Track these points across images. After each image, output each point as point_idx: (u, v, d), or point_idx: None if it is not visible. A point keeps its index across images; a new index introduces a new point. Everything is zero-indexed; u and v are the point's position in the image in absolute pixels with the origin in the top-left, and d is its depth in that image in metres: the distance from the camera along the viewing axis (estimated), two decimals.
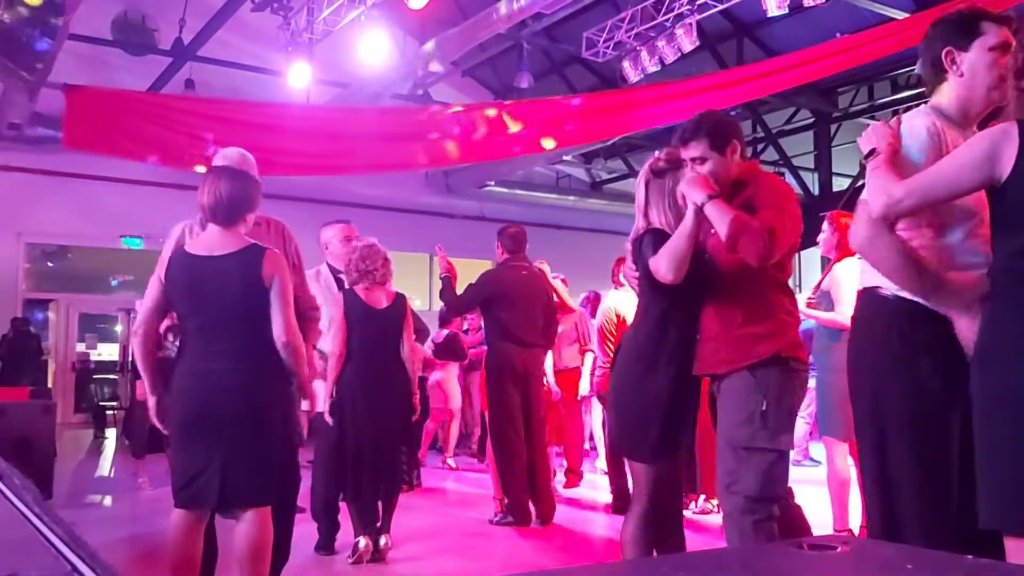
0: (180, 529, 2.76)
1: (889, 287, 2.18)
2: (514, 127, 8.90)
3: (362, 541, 4.13)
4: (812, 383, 5.78)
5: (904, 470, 2.11)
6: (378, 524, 4.20)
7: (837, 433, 4.24)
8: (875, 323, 2.27)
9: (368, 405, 4.12)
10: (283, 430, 2.93)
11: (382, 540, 4.20)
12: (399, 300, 4.30)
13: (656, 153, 2.92)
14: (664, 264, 2.61)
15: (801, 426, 7.92)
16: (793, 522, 2.85)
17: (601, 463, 6.65)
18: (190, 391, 2.79)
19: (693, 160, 2.68)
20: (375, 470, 4.14)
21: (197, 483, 2.73)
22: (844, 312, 4.31)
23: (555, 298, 5.34)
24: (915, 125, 2.16)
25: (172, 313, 3.00)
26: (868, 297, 2.31)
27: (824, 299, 4.42)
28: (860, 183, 13.96)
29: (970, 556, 1.21)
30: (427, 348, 7.26)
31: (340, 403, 4.12)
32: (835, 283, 4.36)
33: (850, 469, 4.24)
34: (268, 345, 2.80)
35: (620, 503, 5.10)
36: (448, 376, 7.79)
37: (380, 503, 4.23)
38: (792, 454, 7.87)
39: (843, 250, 4.34)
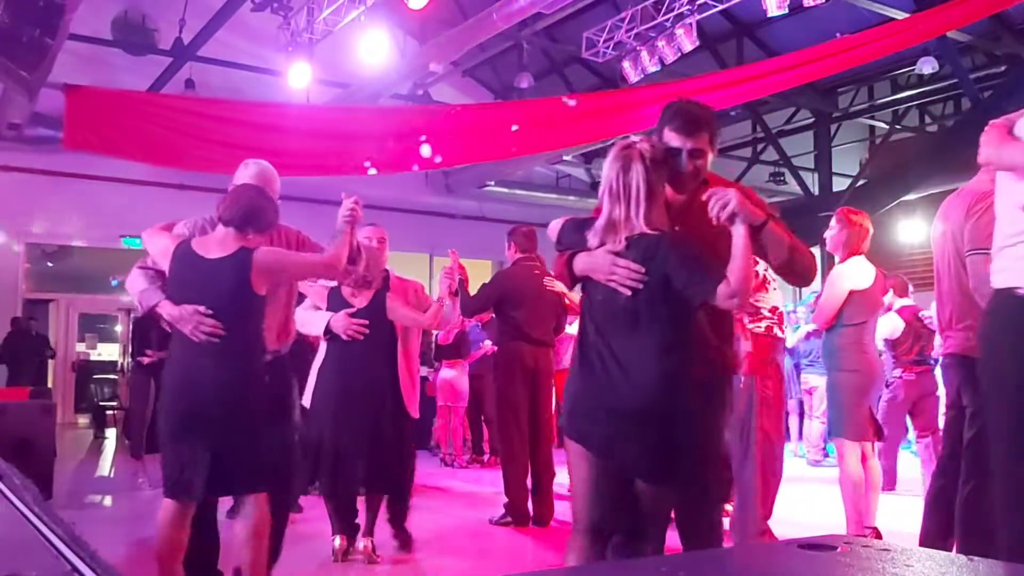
0: (167, 518, 2.90)
1: None
2: (514, 127, 8.89)
3: (336, 540, 4.10)
4: (823, 383, 5.83)
5: None
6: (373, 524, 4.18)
7: (848, 434, 4.16)
8: (1015, 324, 2.28)
9: (341, 402, 4.06)
10: (277, 425, 3.06)
11: (360, 543, 4.13)
12: (377, 297, 4.19)
13: (635, 139, 2.49)
14: (743, 292, 2.32)
15: (817, 426, 7.93)
16: None
17: None
18: (180, 386, 2.93)
19: (692, 153, 2.46)
20: (351, 468, 4.05)
21: (186, 474, 2.86)
22: (818, 315, 4.27)
23: (566, 300, 5.33)
24: None
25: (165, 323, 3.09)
26: (1006, 298, 2.32)
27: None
28: (860, 183, 14.09)
29: (971, 556, 1.21)
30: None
31: (314, 397, 4.14)
32: (828, 281, 4.25)
33: (862, 470, 4.19)
34: (257, 344, 3.02)
35: None
36: (458, 375, 7.82)
37: (386, 504, 4.21)
38: (809, 454, 7.83)
39: (850, 249, 4.23)
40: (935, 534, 3.07)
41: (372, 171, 8.80)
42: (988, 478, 2.90)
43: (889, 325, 5.83)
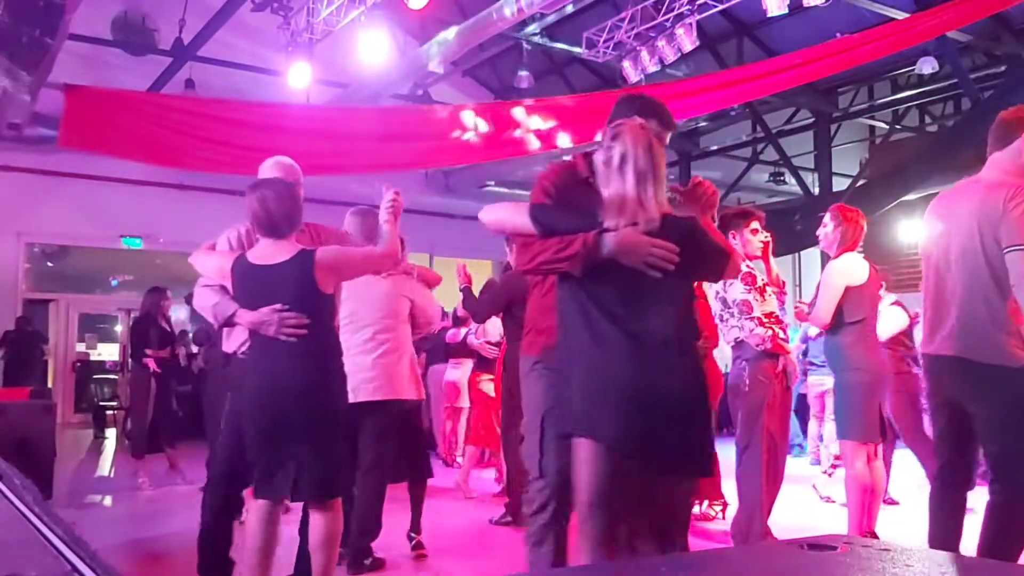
0: (261, 518, 2.98)
1: None
2: (514, 127, 8.89)
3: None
4: (830, 383, 5.68)
5: None
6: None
7: (855, 435, 4.07)
8: None
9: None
10: (343, 423, 3.10)
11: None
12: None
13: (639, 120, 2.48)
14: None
15: (832, 427, 7.88)
16: None
17: None
18: (258, 389, 2.96)
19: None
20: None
21: (276, 477, 2.91)
22: (816, 315, 4.18)
23: None
24: None
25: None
26: None
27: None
28: (860, 183, 14.05)
29: (970, 556, 1.21)
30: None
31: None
32: (823, 279, 4.21)
33: (868, 473, 4.10)
34: (326, 343, 3.03)
35: None
36: (462, 375, 7.81)
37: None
38: (825, 460, 7.46)
39: (844, 246, 4.18)
40: (943, 539, 3.03)
41: (372, 171, 8.81)
42: (1017, 489, 2.87)
43: (894, 319, 5.68)
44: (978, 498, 3.07)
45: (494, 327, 6.02)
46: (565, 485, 2.46)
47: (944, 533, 3.04)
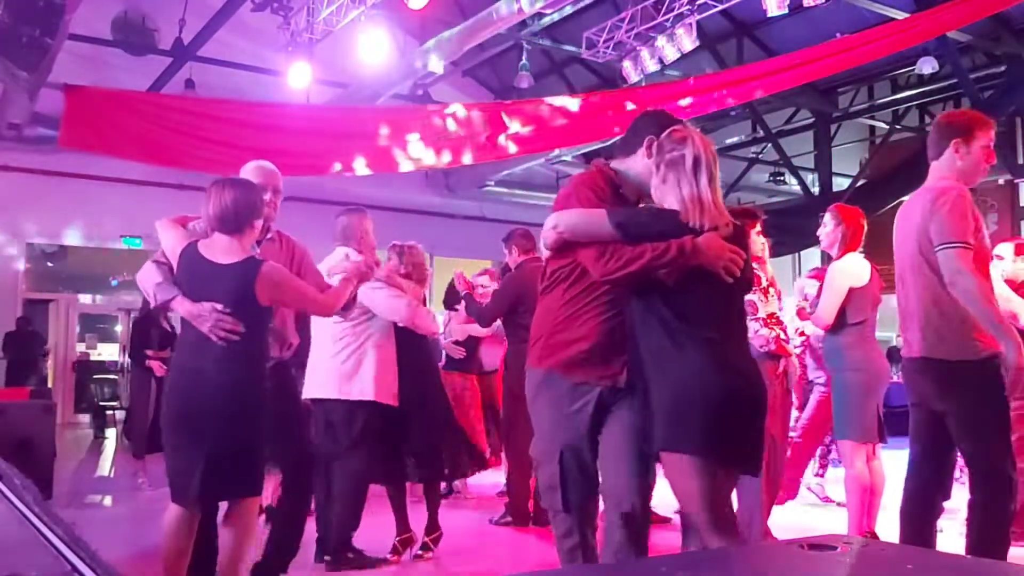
0: (171, 524, 2.91)
1: None
2: (513, 127, 8.89)
3: None
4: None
5: None
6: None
7: (854, 435, 4.07)
8: None
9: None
10: (283, 430, 3.08)
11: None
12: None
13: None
14: None
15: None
16: None
17: None
18: (180, 389, 2.95)
19: None
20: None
21: (183, 479, 2.88)
22: (819, 316, 4.16)
23: None
24: None
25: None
26: None
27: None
28: (860, 183, 14.03)
29: (969, 556, 1.21)
30: None
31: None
32: (827, 279, 4.19)
33: (868, 473, 4.10)
34: (261, 352, 3.02)
35: None
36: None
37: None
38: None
39: (846, 246, 4.16)
40: (913, 539, 3.04)
41: (372, 171, 8.82)
42: (996, 485, 2.90)
43: None
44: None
45: (459, 327, 5.92)
46: (589, 517, 2.57)
47: (914, 532, 3.06)
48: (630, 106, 8.53)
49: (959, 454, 3.11)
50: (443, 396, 4.57)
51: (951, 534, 4.13)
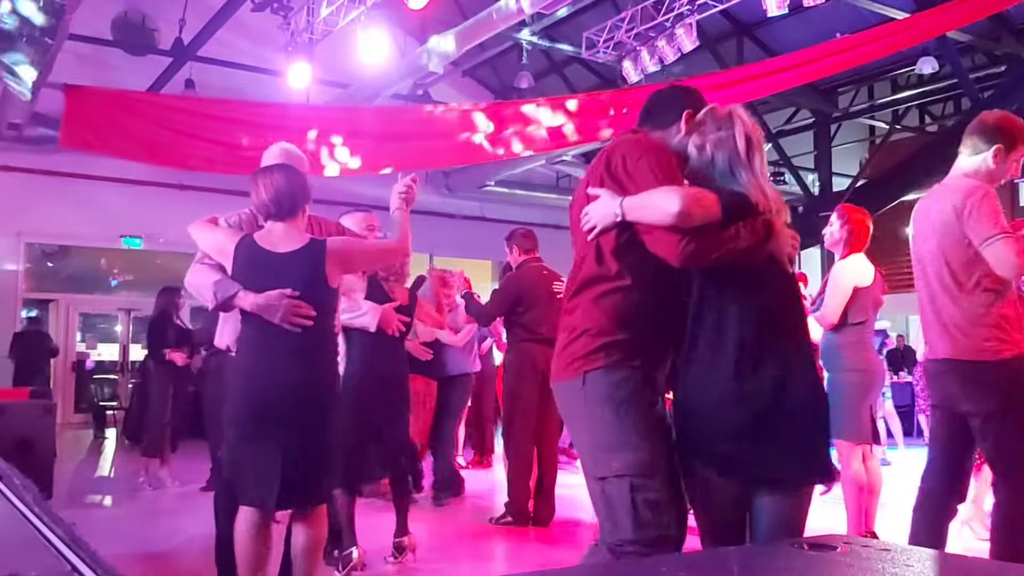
0: (248, 531, 2.72)
1: None
2: (513, 127, 8.89)
3: None
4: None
5: None
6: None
7: (850, 436, 4.04)
8: None
9: (381, 395, 4.06)
10: (334, 427, 2.88)
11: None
12: (412, 295, 4.42)
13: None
14: None
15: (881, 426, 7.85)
16: None
17: None
18: (252, 389, 2.74)
19: None
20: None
21: (261, 485, 2.69)
22: (825, 315, 4.13)
23: None
24: None
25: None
26: None
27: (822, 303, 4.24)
28: (860, 183, 14.05)
29: (969, 556, 1.21)
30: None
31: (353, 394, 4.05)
32: (832, 278, 4.18)
33: (864, 473, 4.10)
34: (333, 342, 2.90)
35: None
36: None
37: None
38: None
39: (851, 246, 4.16)
40: (924, 540, 3.03)
41: (372, 171, 8.82)
42: (1020, 485, 2.88)
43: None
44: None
45: (424, 328, 5.76)
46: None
47: (927, 532, 3.05)
48: (629, 106, 8.54)
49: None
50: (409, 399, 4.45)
51: (951, 534, 4.12)
